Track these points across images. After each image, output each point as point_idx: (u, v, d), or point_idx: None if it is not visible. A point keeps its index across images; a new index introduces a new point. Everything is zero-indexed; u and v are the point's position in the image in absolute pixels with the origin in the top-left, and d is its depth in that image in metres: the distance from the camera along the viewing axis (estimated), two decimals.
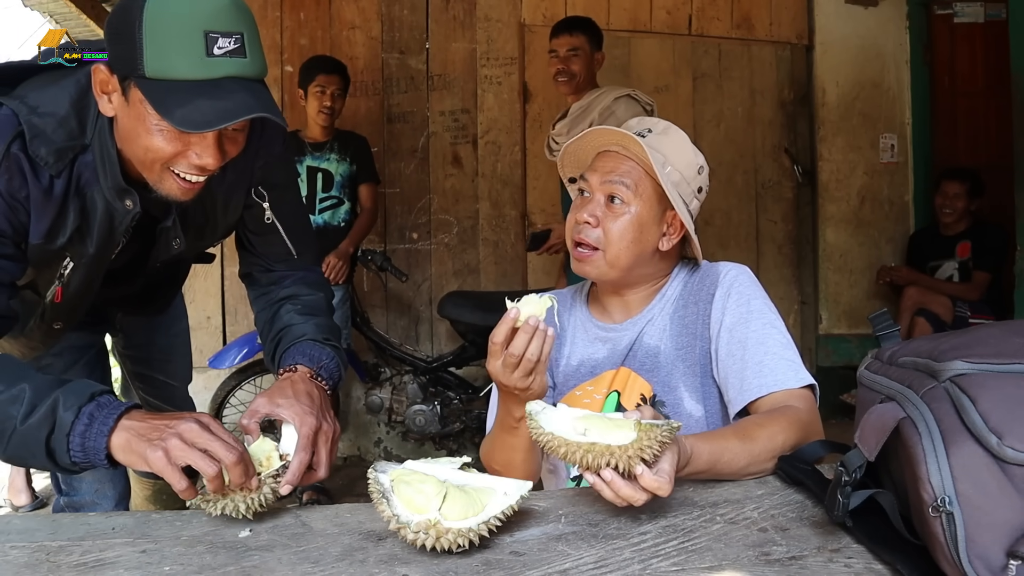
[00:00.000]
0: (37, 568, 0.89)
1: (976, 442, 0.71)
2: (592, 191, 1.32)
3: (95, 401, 1.04)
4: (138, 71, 1.05)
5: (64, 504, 1.76)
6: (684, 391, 1.29)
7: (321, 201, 3.56)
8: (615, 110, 2.94)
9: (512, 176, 4.20)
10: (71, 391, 1.04)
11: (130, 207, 1.23)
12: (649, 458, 0.88)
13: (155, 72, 1.04)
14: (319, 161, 3.57)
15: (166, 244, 1.36)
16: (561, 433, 0.91)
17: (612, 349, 1.36)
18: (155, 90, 1.05)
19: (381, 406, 3.81)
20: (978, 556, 0.70)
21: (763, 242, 4.53)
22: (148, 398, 1.91)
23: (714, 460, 1.03)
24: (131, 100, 1.10)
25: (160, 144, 1.11)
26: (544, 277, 4.18)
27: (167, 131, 1.10)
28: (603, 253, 1.30)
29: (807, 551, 0.85)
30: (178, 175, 1.15)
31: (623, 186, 1.29)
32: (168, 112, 1.04)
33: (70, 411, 1.02)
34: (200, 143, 1.11)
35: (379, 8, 4.16)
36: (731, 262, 1.37)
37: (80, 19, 4.49)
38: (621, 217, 1.29)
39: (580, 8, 4.25)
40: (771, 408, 1.18)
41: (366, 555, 0.89)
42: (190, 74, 1.04)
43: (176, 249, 1.37)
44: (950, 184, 4.08)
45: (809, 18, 4.51)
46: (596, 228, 1.30)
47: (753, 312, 1.27)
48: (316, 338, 1.36)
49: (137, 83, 1.07)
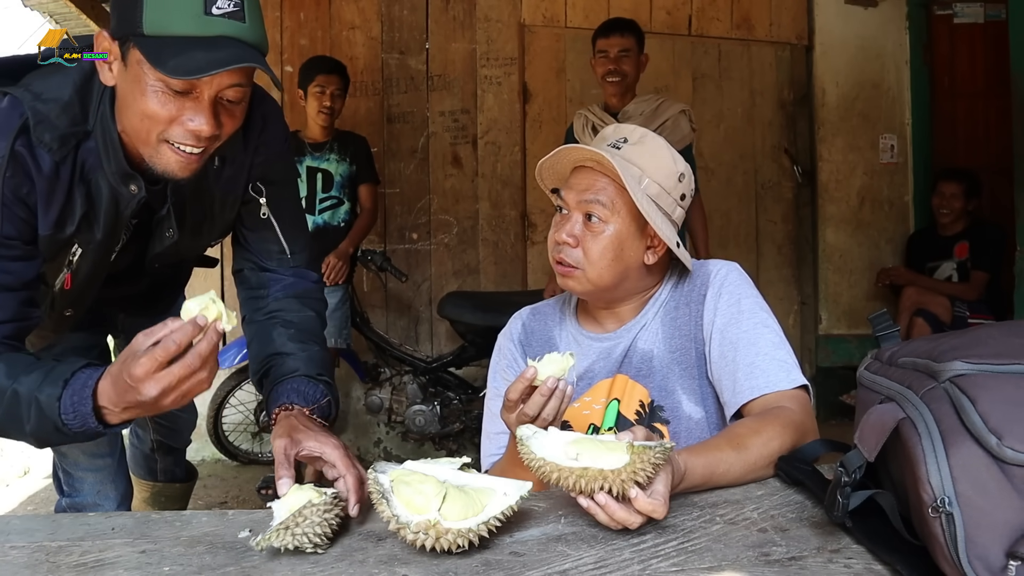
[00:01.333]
0: (37, 568, 0.89)
1: (976, 443, 0.71)
2: (569, 209, 1.29)
3: (68, 388, 1.06)
4: (137, 29, 1.07)
5: (66, 505, 1.76)
6: (682, 394, 1.28)
7: (321, 201, 3.55)
8: (680, 123, 2.97)
9: (512, 176, 4.20)
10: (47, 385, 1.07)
11: (135, 191, 1.24)
12: (643, 481, 0.87)
13: (153, 29, 1.06)
14: (319, 161, 3.57)
15: (160, 236, 1.36)
16: (553, 458, 0.90)
17: (607, 358, 1.34)
18: (152, 46, 1.06)
19: (381, 406, 3.81)
20: (978, 556, 0.70)
21: (763, 242, 4.53)
22: None
23: (709, 474, 1.02)
24: (129, 63, 1.11)
25: (155, 107, 1.11)
26: (544, 277, 4.18)
27: (162, 92, 1.10)
28: (584, 273, 1.27)
29: (807, 552, 0.85)
30: (175, 146, 1.14)
31: (599, 204, 1.26)
32: (162, 63, 1.05)
33: (53, 406, 1.06)
34: (194, 106, 1.11)
35: (379, 8, 4.16)
36: (721, 260, 1.35)
37: (80, 19, 4.49)
38: (600, 236, 1.26)
39: (580, 8, 4.26)
40: (764, 410, 1.17)
41: (366, 555, 0.89)
42: (186, 30, 1.06)
43: (170, 239, 1.36)
44: (947, 184, 4.08)
45: (809, 18, 4.51)
46: (576, 248, 1.27)
47: (744, 312, 1.26)
48: (310, 374, 1.35)
49: (136, 42, 1.08)
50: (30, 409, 1.07)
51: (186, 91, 1.10)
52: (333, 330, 3.49)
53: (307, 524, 0.89)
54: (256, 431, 4.06)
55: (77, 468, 1.74)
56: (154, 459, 2.09)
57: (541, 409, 1.05)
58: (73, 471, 1.74)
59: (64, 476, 1.75)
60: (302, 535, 0.88)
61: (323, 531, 0.90)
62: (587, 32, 4.26)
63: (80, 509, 1.72)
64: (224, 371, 3.87)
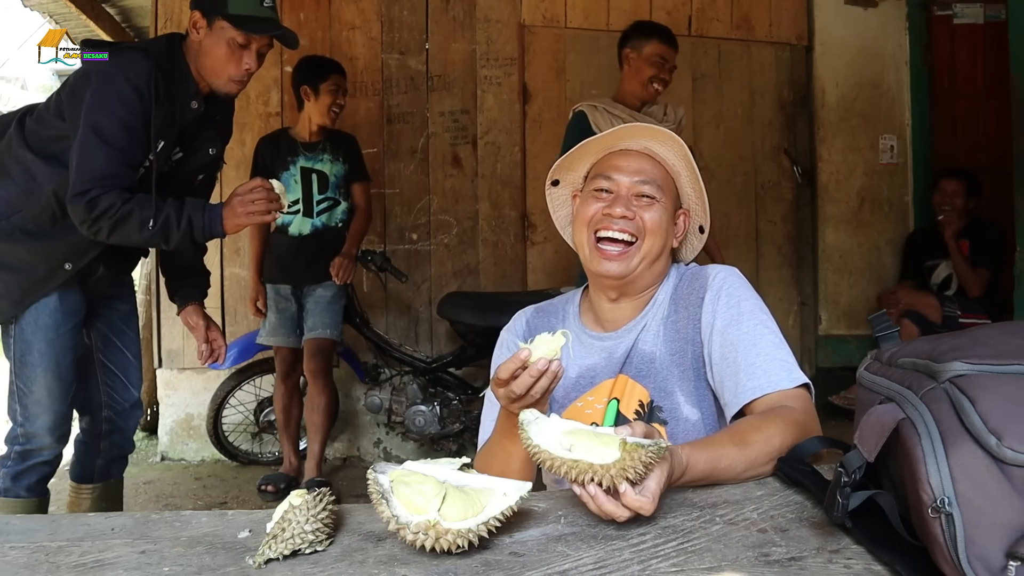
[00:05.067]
0: (36, 568, 0.89)
1: (975, 443, 0.71)
2: (617, 190, 1.33)
3: (202, 209, 2.04)
4: (224, 11, 2.03)
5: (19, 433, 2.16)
6: (680, 396, 1.29)
7: (318, 203, 3.52)
8: (683, 123, 3.18)
9: (512, 177, 4.20)
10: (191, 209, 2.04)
11: (195, 107, 2.13)
12: (632, 478, 0.87)
13: (235, 10, 2.04)
14: (313, 162, 3.52)
15: (205, 153, 2.25)
16: (547, 447, 0.91)
17: (608, 358, 1.36)
18: (235, 19, 2.04)
19: (381, 407, 3.81)
20: (977, 557, 0.70)
21: (763, 243, 4.53)
22: (105, 361, 2.35)
23: (711, 468, 1.02)
24: (214, 28, 2.05)
25: (227, 54, 2.06)
26: (544, 278, 4.18)
27: (234, 49, 2.05)
28: (639, 246, 1.31)
29: (806, 552, 0.85)
30: (232, 79, 2.11)
31: (655, 185, 1.33)
32: (243, 26, 2.04)
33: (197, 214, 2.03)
34: (247, 55, 2.08)
35: (379, 9, 4.16)
36: (719, 264, 1.38)
37: (80, 19, 4.50)
38: (654, 208, 1.33)
39: (580, 9, 4.26)
40: (766, 409, 1.18)
41: (365, 556, 0.89)
42: (252, 12, 2.06)
43: (211, 155, 2.25)
44: (948, 182, 4.08)
45: (809, 19, 4.51)
46: (633, 220, 1.31)
47: (744, 314, 1.27)
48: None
49: (223, 17, 2.04)
50: (179, 224, 2.00)
51: (246, 44, 2.06)
52: (330, 320, 3.49)
53: (294, 526, 0.89)
54: (256, 431, 4.05)
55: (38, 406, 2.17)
56: (97, 448, 2.35)
57: (529, 388, 1.07)
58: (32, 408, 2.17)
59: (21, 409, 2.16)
60: (290, 539, 0.88)
61: (314, 528, 0.90)
62: (587, 32, 4.28)
63: (30, 438, 2.14)
64: (224, 371, 3.87)
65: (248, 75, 2.10)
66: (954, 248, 3.99)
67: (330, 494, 0.97)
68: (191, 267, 2.43)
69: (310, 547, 0.89)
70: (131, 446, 2.46)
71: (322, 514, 0.92)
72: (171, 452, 4.23)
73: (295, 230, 3.51)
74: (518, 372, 1.07)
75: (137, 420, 2.45)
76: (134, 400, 2.40)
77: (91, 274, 2.20)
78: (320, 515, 0.91)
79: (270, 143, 3.58)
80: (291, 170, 3.50)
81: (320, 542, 0.90)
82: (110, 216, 1.94)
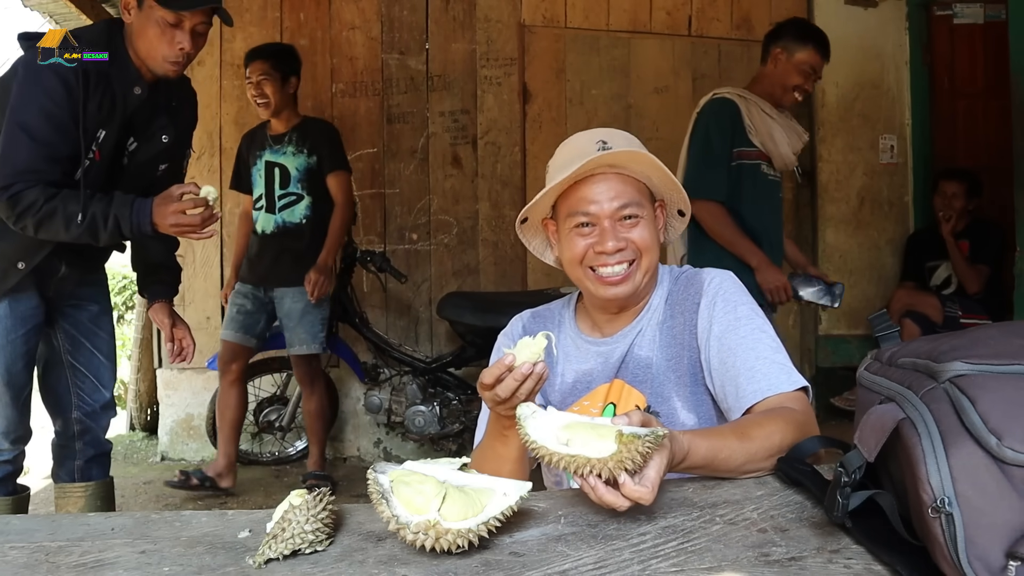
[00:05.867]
0: (36, 568, 0.89)
1: (976, 443, 0.71)
2: (599, 221, 1.29)
3: (132, 207, 1.94)
4: None
5: None
6: (677, 401, 1.30)
7: (280, 199, 3.38)
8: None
9: (512, 177, 4.20)
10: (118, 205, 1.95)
11: (138, 92, 2.04)
12: (631, 468, 0.88)
13: None
14: (276, 155, 3.39)
15: (157, 142, 2.14)
16: (544, 441, 0.92)
17: (604, 362, 1.36)
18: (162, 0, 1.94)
19: (380, 407, 3.81)
20: (978, 557, 0.70)
21: None
22: (74, 363, 2.29)
23: (711, 456, 1.03)
24: (144, 9, 1.96)
25: (158, 35, 1.96)
26: (544, 278, 4.18)
27: (164, 29, 1.95)
28: (638, 264, 1.30)
29: (806, 552, 0.85)
30: (167, 60, 2.00)
31: (634, 204, 1.29)
32: (170, 4, 1.93)
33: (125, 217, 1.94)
34: (180, 34, 1.97)
35: (379, 8, 4.16)
36: (714, 268, 1.37)
37: (80, 19, 4.49)
38: (641, 224, 1.30)
39: (580, 8, 4.26)
40: (767, 409, 1.19)
41: (365, 556, 0.89)
42: None
43: (164, 143, 2.15)
44: (948, 184, 4.09)
45: (809, 19, 4.50)
46: (626, 248, 1.29)
47: (740, 319, 1.28)
48: None
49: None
50: (106, 221, 1.92)
51: (177, 23, 1.95)
52: (305, 335, 3.38)
53: (294, 526, 0.89)
54: (256, 431, 4.05)
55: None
56: (73, 449, 2.31)
57: (513, 392, 1.07)
58: None
59: None
60: (290, 538, 0.88)
61: (314, 528, 0.90)
62: (587, 32, 4.27)
63: None
64: None
65: (185, 55, 1.99)
66: (952, 244, 3.99)
67: (330, 493, 0.97)
68: (161, 264, 2.38)
69: (310, 547, 0.89)
70: (108, 444, 2.40)
71: (322, 514, 0.92)
72: (171, 452, 4.23)
73: (259, 227, 3.44)
74: (503, 376, 1.08)
75: (109, 420, 2.40)
76: (106, 400, 2.35)
77: (52, 274, 2.14)
78: (320, 515, 0.91)
79: (248, 137, 3.54)
80: (257, 164, 3.42)
81: (320, 542, 0.90)
82: (34, 213, 1.88)
